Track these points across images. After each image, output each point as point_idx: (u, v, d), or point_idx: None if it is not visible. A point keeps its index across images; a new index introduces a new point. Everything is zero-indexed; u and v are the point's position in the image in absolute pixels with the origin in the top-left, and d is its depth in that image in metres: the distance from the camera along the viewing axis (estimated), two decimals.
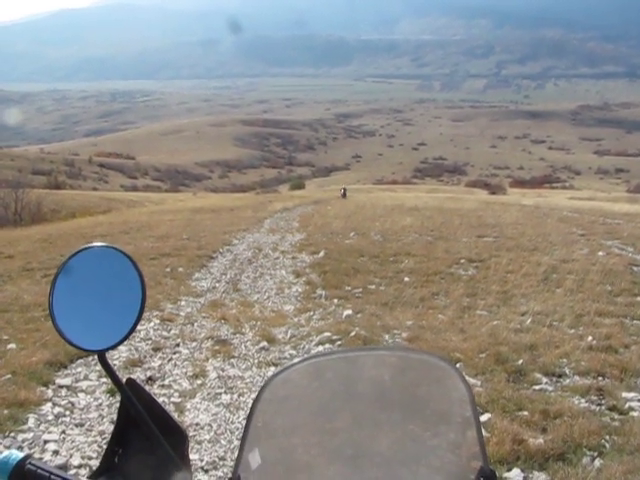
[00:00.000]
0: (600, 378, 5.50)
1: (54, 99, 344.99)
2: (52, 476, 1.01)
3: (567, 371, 5.72)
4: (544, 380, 5.46)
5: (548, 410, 4.61)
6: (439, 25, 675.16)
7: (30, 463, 1.02)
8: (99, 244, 1.23)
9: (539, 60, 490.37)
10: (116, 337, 1.18)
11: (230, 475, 0.94)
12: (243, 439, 0.95)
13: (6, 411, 4.84)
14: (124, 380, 1.19)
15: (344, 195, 37.43)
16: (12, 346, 6.58)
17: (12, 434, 4.54)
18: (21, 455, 1.02)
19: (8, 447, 4.33)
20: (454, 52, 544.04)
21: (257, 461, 0.95)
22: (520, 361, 5.81)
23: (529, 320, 7.33)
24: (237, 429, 4.79)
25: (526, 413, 4.62)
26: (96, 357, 1.19)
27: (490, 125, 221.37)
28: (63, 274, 1.20)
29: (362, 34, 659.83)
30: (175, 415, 5.09)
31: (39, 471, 1.01)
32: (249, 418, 0.95)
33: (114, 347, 1.21)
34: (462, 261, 11.83)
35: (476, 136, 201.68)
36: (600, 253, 12.32)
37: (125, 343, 6.90)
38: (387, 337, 6.75)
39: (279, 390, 0.96)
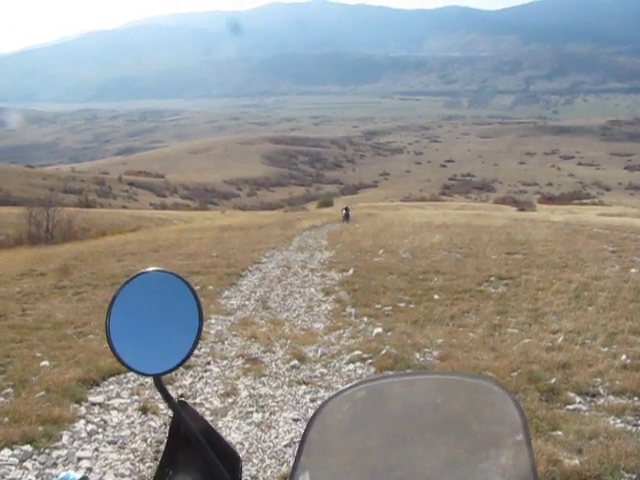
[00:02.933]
0: (636, 398, 5.40)
1: (85, 118, 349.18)
2: None
3: (601, 390, 5.62)
4: (578, 399, 5.38)
5: (583, 430, 4.53)
6: (466, 41, 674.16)
7: None
8: (155, 269, 1.25)
9: (568, 75, 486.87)
10: (172, 361, 1.19)
11: None
12: (296, 461, 0.96)
13: (40, 428, 4.89)
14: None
15: (347, 217, 31.34)
16: (45, 363, 6.65)
17: (47, 450, 4.59)
18: (78, 476, 1.05)
19: (43, 463, 4.38)
20: (482, 68, 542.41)
21: None
22: (553, 380, 5.73)
23: (561, 338, 7.25)
24: (269, 448, 4.80)
25: (560, 433, 4.54)
26: (148, 378, 1.20)
27: (518, 141, 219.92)
28: (120, 298, 1.21)
29: (390, 51, 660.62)
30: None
31: None
32: (302, 441, 0.96)
33: (170, 371, 1.21)
34: (492, 278, 11.75)
35: (504, 152, 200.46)
36: (633, 270, 12.16)
37: None
38: (418, 355, 6.73)
39: (333, 413, 0.97)
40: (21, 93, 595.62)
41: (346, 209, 32.95)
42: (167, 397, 1.18)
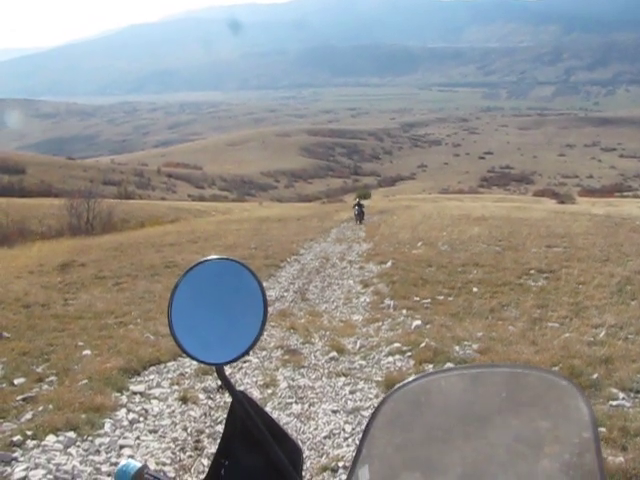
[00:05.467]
0: None
1: (125, 111, 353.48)
2: None
3: None
4: (621, 395, 5.25)
5: (627, 427, 4.41)
6: (506, 32, 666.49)
7: (147, 473, 1.05)
8: (218, 256, 1.22)
9: (610, 65, 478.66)
10: (236, 351, 1.16)
11: None
12: (356, 455, 0.94)
13: (83, 415, 4.96)
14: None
15: (360, 215, 25.79)
16: (87, 352, 6.74)
17: (90, 438, 4.65)
18: (139, 465, 1.05)
19: (86, 450, 4.44)
20: (521, 59, 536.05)
21: (366, 477, 0.94)
22: (595, 375, 5.62)
23: (603, 333, 7.12)
24: (308, 439, 4.80)
25: (604, 430, 4.41)
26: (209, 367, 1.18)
27: (558, 133, 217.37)
28: (182, 286, 1.18)
29: (428, 42, 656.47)
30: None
31: None
32: (364, 434, 0.94)
33: (233, 361, 1.19)
34: (532, 272, 11.60)
35: (544, 144, 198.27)
36: None
37: None
38: (457, 348, 6.67)
39: (395, 407, 0.95)
40: (63, 87, 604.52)
41: (359, 205, 26.50)
42: (230, 387, 1.16)
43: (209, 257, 1.21)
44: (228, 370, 6.50)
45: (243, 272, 1.19)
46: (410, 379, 0.95)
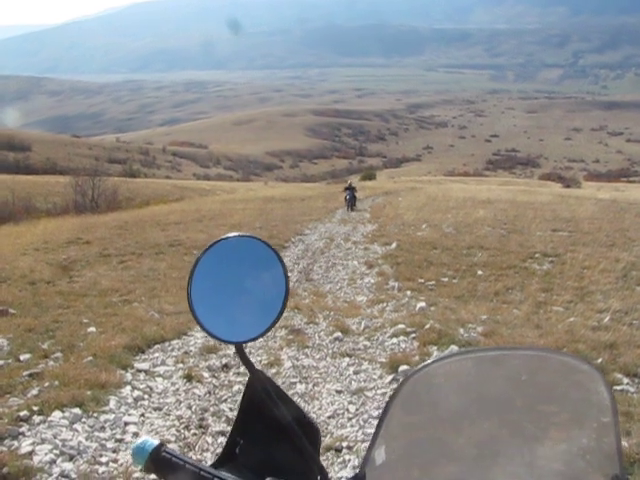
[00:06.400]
0: None
1: (130, 89, 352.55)
2: (187, 465, 1.02)
3: None
4: (625, 381, 5.23)
5: (631, 412, 4.41)
6: (514, 13, 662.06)
7: (165, 451, 1.03)
8: (238, 234, 1.19)
9: (619, 49, 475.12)
10: (256, 330, 1.14)
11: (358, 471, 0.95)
12: (374, 437, 0.94)
13: (89, 392, 4.98)
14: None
15: (352, 201, 22.94)
16: (92, 329, 6.77)
17: (95, 414, 4.67)
18: (156, 442, 1.04)
19: (92, 427, 4.47)
20: (529, 41, 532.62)
21: (382, 458, 0.94)
22: (599, 360, 5.60)
23: (607, 318, 7.11)
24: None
25: None
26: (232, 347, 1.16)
27: (565, 116, 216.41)
28: (202, 263, 1.16)
29: (434, 23, 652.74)
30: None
31: (174, 459, 1.02)
32: (382, 416, 0.94)
33: (254, 339, 1.16)
34: (537, 255, 11.60)
35: (550, 128, 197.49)
36: None
37: (199, 330, 7.02)
38: (462, 331, 6.66)
39: (414, 388, 0.94)
40: (67, 65, 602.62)
41: (351, 188, 23.68)
42: (249, 365, 1.14)
43: (230, 234, 1.18)
44: (232, 348, 6.52)
45: (265, 250, 1.16)
46: (429, 361, 0.94)
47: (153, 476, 1.05)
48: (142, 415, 4.81)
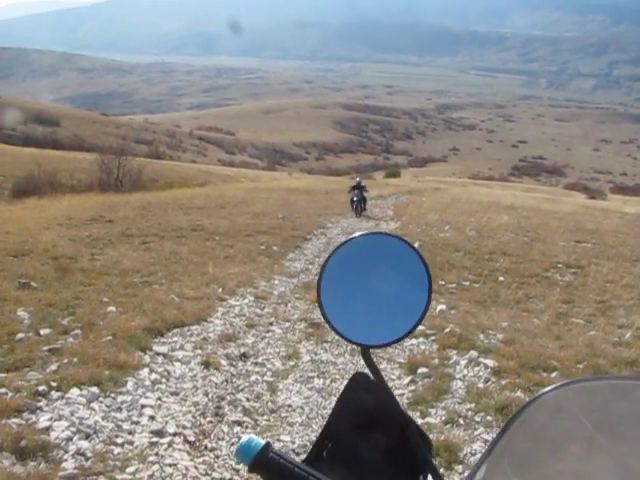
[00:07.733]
0: None
1: (161, 71, 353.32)
2: (296, 469, 0.97)
3: None
4: None
5: None
6: (552, 20, 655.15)
7: (272, 452, 1.00)
8: (379, 232, 1.14)
9: None
10: (389, 335, 1.09)
11: None
12: (484, 454, 0.88)
13: (107, 372, 5.02)
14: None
15: (360, 204, 19.79)
16: (112, 309, 6.81)
17: (112, 395, 4.70)
18: (262, 442, 1.00)
19: (109, 407, 4.50)
20: (565, 49, 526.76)
21: (480, 476, 0.86)
22: None
23: (629, 334, 7.04)
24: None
25: None
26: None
27: (595, 127, 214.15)
28: (335, 259, 1.10)
29: (470, 24, 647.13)
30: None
31: (282, 461, 0.98)
32: (498, 435, 0.87)
33: (385, 345, 1.12)
34: (559, 265, 11.52)
35: (579, 137, 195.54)
36: None
37: (219, 317, 7.01)
38: (482, 337, 6.63)
39: (534, 415, 0.86)
40: (102, 42, 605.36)
41: (358, 187, 20.31)
42: (374, 370, 1.09)
43: (368, 232, 1.13)
44: (251, 338, 6.53)
45: (407, 251, 1.10)
46: (552, 387, 0.87)
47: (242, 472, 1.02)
48: (159, 399, 4.84)
